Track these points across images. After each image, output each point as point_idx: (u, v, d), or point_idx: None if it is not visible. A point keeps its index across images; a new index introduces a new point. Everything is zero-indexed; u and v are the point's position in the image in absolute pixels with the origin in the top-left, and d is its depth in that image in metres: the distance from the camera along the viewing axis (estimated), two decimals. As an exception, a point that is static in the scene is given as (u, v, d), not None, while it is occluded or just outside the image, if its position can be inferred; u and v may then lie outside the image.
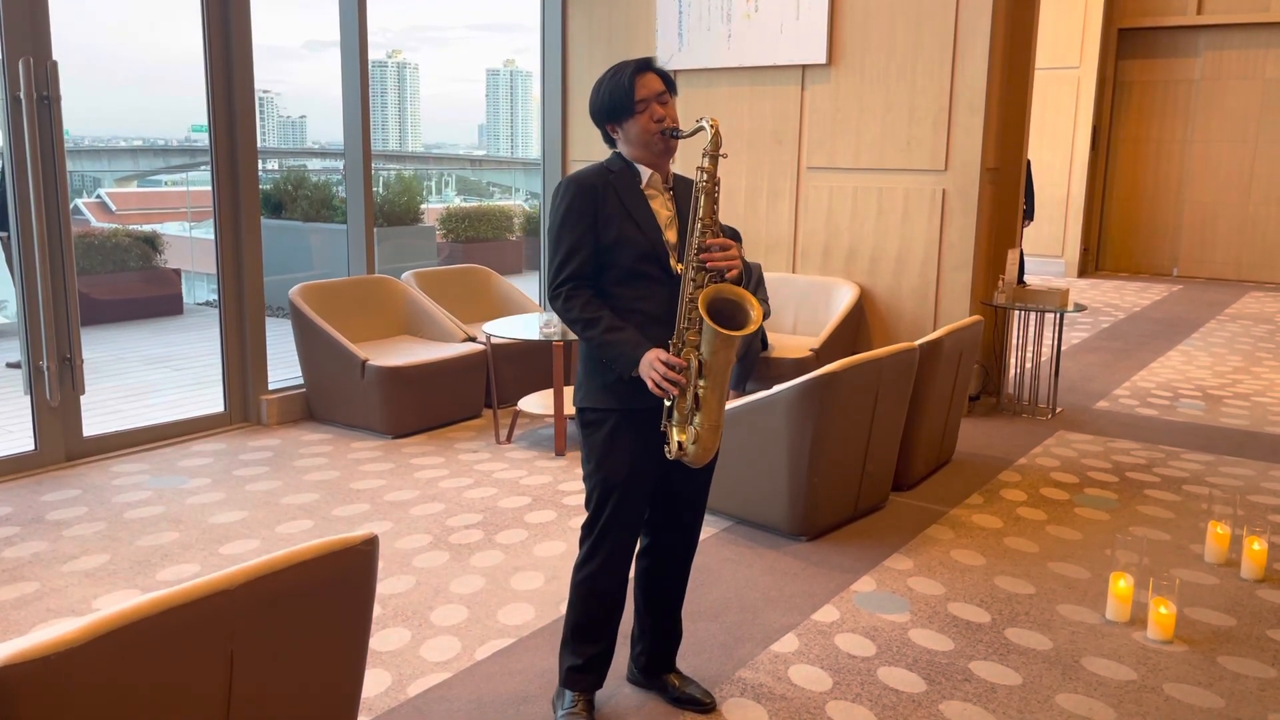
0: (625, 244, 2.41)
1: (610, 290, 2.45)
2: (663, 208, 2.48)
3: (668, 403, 2.37)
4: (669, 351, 2.35)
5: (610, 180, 2.45)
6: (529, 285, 7.32)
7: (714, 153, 2.35)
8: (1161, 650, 3.06)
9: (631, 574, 2.68)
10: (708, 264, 2.32)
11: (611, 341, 2.38)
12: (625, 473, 2.44)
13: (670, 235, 2.47)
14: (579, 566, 2.55)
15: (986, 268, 5.79)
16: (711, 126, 2.36)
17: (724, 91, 6.22)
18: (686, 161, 2.53)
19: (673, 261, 2.43)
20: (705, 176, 2.35)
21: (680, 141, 2.45)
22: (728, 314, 2.33)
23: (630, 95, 2.40)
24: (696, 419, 2.34)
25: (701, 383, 2.32)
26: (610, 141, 2.52)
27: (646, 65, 2.44)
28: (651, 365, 2.33)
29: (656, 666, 2.75)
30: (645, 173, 2.48)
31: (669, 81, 2.47)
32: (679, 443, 2.35)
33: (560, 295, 2.44)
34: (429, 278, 6.21)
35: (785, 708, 2.71)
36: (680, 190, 2.55)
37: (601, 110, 2.46)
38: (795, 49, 5.88)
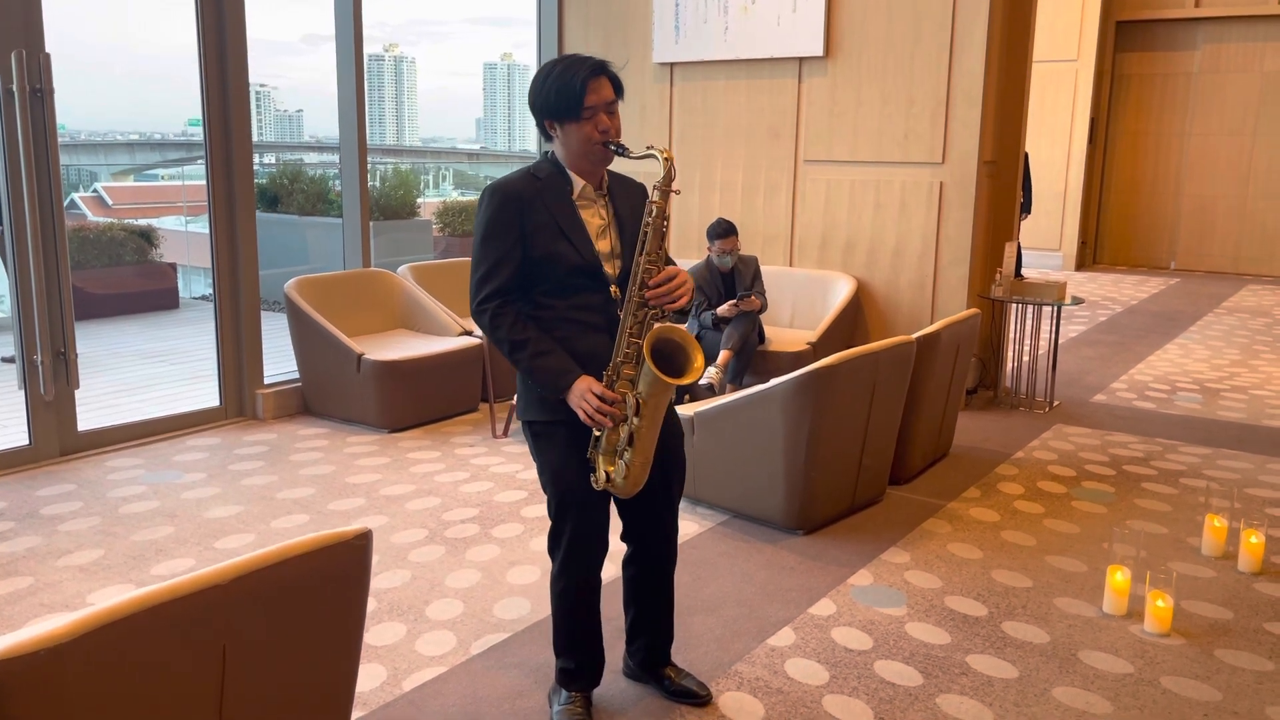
0: (557, 259, 2.31)
1: (543, 301, 2.35)
2: (595, 216, 2.38)
3: (597, 433, 2.31)
4: (603, 381, 2.28)
5: (538, 189, 2.33)
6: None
7: (665, 188, 2.25)
8: (1158, 643, 3.05)
9: (621, 577, 2.68)
10: (651, 301, 2.26)
11: (538, 368, 2.29)
12: (581, 485, 2.40)
13: (603, 245, 2.37)
14: (555, 580, 2.53)
15: (984, 261, 5.78)
16: (665, 160, 2.26)
17: (721, 84, 6.20)
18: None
19: (607, 269, 2.35)
20: (655, 212, 2.26)
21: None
22: (669, 354, 2.27)
23: (579, 100, 2.25)
24: (628, 454, 2.29)
25: (637, 420, 2.26)
26: (546, 135, 2.38)
27: (601, 69, 2.29)
28: (583, 397, 2.26)
29: (652, 661, 2.75)
30: (578, 183, 2.36)
31: (619, 88, 2.33)
32: (607, 474, 2.31)
33: (485, 312, 2.32)
34: (425, 271, 6.20)
35: (782, 701, 2.70)
36: (617, 191, 2.43)
37: (545, 107, 2.31)
38: (792, 41, 5.86)
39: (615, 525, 2.58)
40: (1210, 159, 11.77)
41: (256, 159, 5.26)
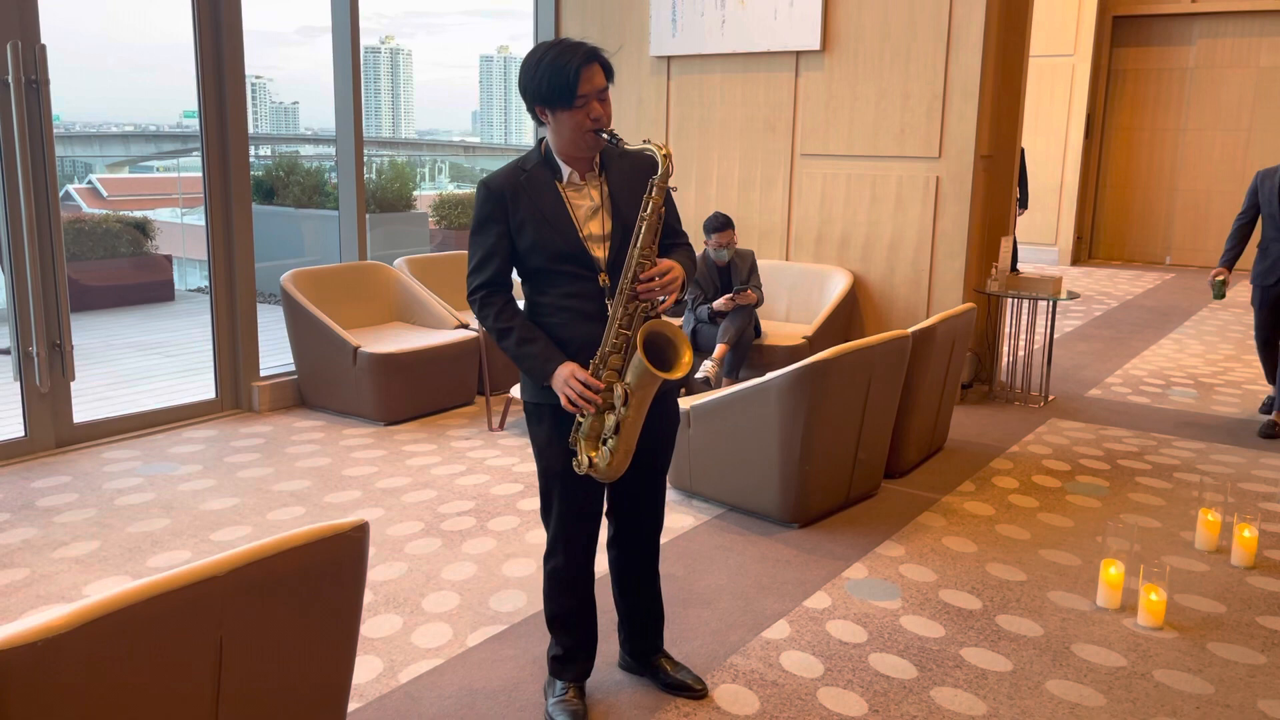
0: (540, 248, 2.34)
1: (540, 288, 2.40)
2: (585, 199, 2.38)
3: (580, 419, 2.34)
4: (589, 368, 2.31)
5: (521, 182, 2.35)
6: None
7: (662, 185, 2.27)
8: (1151, 637, 3.07)
9: (606, 560, 2.68)
10: (642, 295, 2.27)
11: (523, 355, 2.35)
12: (562, 465, 2.43)
13: (593, 226, 2.36)
14: (546, 559, 2.57)
15: (980, 255, 5.79)
16: (663, 156, 2.26)
17: (717, 78, 6.20)
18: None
19: (596, 251, 2.35)
20: (650, 208, 2.27)
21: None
22: (660, 347, 2.30)
23: (572, 88, 2.23)
24: (612, 442, 2.31)
25: (624, 410, 2.29)
26: (537, 120, 2.37)
27: (594, 56, 2.28)
28: (566, 382, 2.28)
29: (644, 650, 2.75)
30: (566, 169, 2.37)
31: (610, 74, 2.32)
32: (589, 459, 2.34)
33: (476, 301, 2.40)
34: (421, 264, 6.19)
35: (777, 694, 2.71)
36: (614, 170, 2.40)
37: (536, 94, 2.30)
38: (789, 35, 5.85)
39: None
40: (1205, 154, 11.77)
41: (252, 151, 5.24)
